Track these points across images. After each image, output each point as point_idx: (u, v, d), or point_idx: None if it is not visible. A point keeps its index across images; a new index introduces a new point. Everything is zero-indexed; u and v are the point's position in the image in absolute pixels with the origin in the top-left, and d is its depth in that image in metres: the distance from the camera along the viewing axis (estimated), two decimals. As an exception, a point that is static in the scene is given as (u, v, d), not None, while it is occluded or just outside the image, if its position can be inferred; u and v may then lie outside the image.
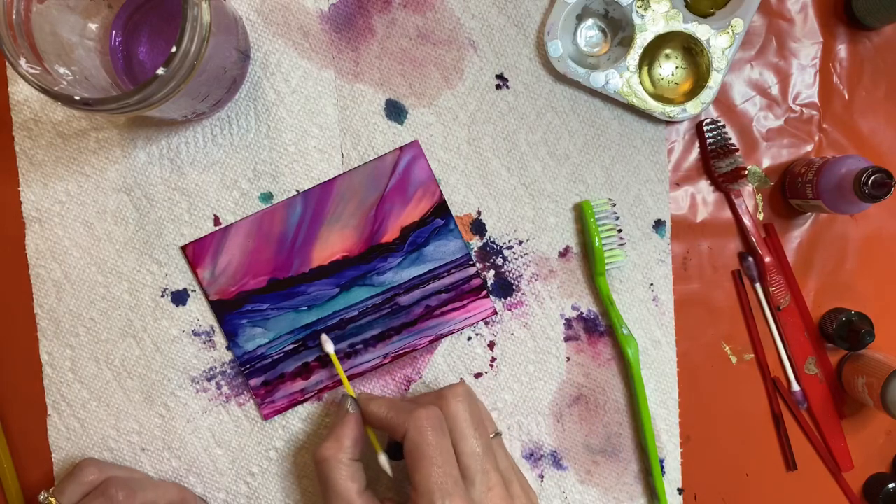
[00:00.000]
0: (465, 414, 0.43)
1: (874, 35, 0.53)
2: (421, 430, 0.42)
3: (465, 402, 0.44)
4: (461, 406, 0.44)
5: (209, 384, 0.49)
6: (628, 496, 0.52)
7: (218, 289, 0.49)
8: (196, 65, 0.38)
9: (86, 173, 0.48)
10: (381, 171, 0.49)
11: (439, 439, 0.42)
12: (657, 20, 0.49)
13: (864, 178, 0.45)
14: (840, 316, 0.52)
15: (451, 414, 0.43)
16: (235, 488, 0.50)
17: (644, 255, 0.52)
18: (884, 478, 0.54)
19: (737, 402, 0.53)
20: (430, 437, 0.42)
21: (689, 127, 0.52)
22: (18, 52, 0.36)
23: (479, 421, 0.44)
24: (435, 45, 0.49)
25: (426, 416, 0.42)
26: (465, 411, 0.43)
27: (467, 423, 0.43)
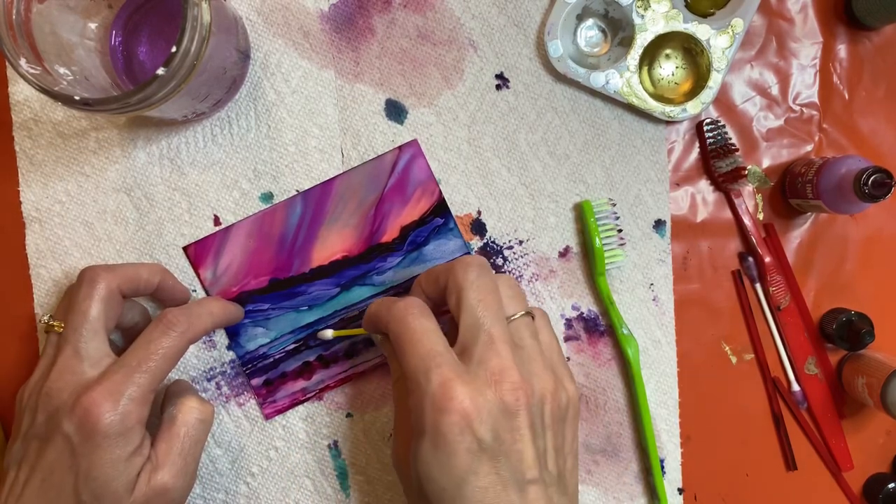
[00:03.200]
0: (471, 283, 0.39)
1: (874, 35, 0.53)
2: (399, 319, 0.39)
3: (474, 272, 0.39)
4: (466, 276, 0.39)
5: (209, 384, 0.49)
6: (628, 496, 0.52)
7: (220, 289, 0.49)
8: (196, 65, 0.38)
9: (86, 173, 0.48)
10: (380, 170, 0.49)
11: (421, 321, 0.38)
12: (657, 20, 0.49)
13: (864, 178, 0.45)
14: (840, 316, 0.52)
15: (456, 284, 0.40)
16: (235, 488, 0.50)
17: (644, 255, 0.52)
18: (884, 478, 0.54)
19: (737, 402, 0.53)
20: (411, 320, 0.38)
21: (689, 127, 0.52)
22: (18, 52, 0.36)
23: (488, 292, 0.39)
24: (435, 45, 0.49)
25: (404, 304, 0.39)
26: (472, 281, 0.39)
27: (472, 291, 0.39)
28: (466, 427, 0.35)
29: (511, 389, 0.36)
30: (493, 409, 0.36)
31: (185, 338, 0.41)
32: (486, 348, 0.37)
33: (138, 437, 0.39)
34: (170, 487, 0.40)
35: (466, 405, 0.35)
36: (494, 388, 0.36)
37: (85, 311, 0.41)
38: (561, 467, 0.38)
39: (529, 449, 0.36)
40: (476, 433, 0.35)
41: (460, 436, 0.35)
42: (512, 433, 0.36)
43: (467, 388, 0.36)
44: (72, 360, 0.40)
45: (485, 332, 0.38)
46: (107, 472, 0.38)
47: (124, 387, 0.39)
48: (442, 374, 0.36)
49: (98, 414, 0.38)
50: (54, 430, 0.39)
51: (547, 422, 0.38)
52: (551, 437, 0.38)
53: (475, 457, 0.35)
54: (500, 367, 0.37)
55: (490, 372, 0.37)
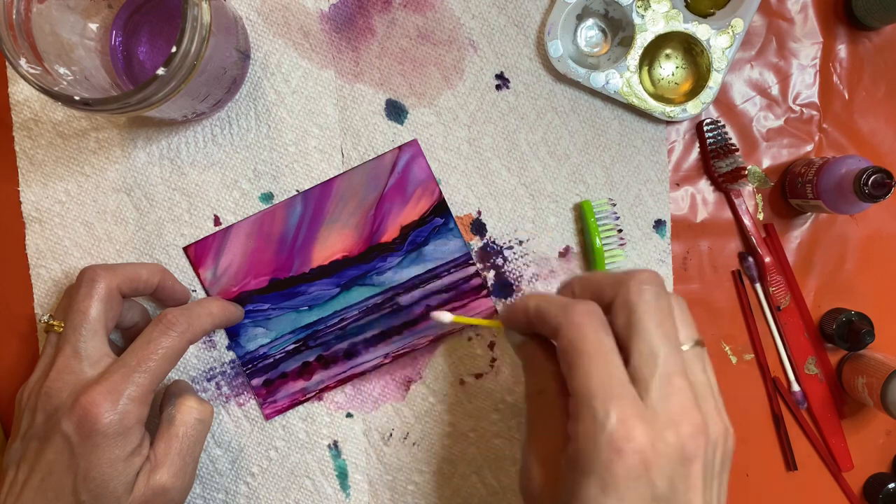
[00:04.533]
0: (648, 305, 0.34)
1: (874, 35, 0.53)
2: (576, 326, 0.34)
3: (651, 292, 0.35)
4: (644, 295, 0.35)
5: (209, 384, 0.49)
6: (628, 496, 0.52)
7: (220, 289, 0.49)
8: (196, 65, 0.38)
9: (86, 173, 0.48)
10: (380, 170, 0.49)
11: (602, 336, 0.34)
12: (657, 20, 0.49)
13: (864, 178, 0.45)
14: (840, 316, 0.52)
15: (630, 303, 0.35)
16: (235, 488, 0.50)
17: (644, 255, 0.52)
18: (884, 478, 0.54)
19: (737, 402, 0.53)
20: (592, 332, 0.34)
21: (690, 127, 0.52)
22: (18, 52, 0.36)
23: (666, 317, 0.35)
24: (435, 45, 0.49)
25: (584, 309, 0.34)
26: (649, 302, 0.34)
27: (649, 315, 0.34)
28: (644, 473, 0.31)
29: (692, 434, 0.32)
30: (673, 454, 0.32)
31: (184, 338, 0.41)
32: (666, 384, 0.33)
33: (137, 437, 0.39)
34: (169, 487, 0.40)
35: (646, 449, 0.31)
36: (675, 432, 0.32)
37: (84, 310, 0.41)
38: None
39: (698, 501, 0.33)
40: (651, 479, 0.32)
41: (635, 482, 0.31)
42: (685, 482, 0.32)
43: (647, 429, 0.32)
44: (71, 359, 0.40)
45: (662, 365, 0.33)
46: (106, 471, 0.38)
47: (123, 386, 0.39)
48: (625, 408, 0.32)
49: (97, 414, 0.38)
50: (53, 430, 0.39)
51: (717, 470, 0.34)
52: (717, 487, 0.34)
53: None
54: (682, 408, 0.33)
55: (671, 412, 0.32)
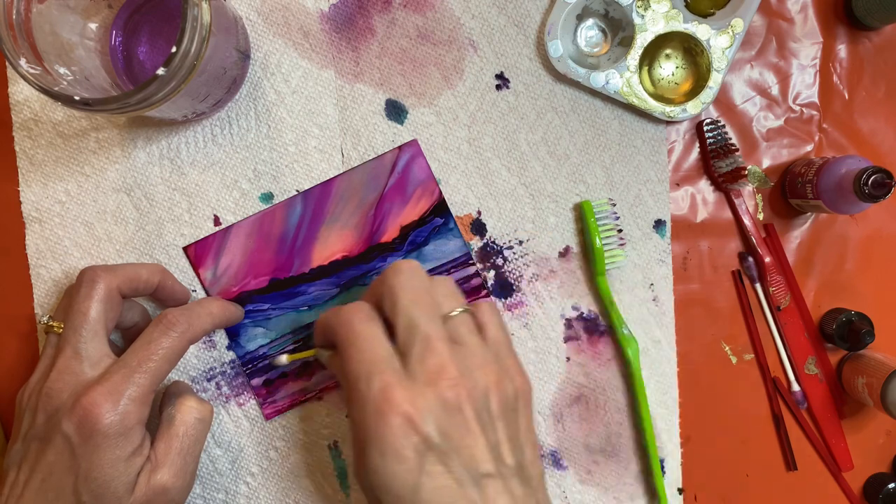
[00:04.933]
0: (402, 285, 0.39)
1: (874, 35, 0.53)
2: (343, 323, 0.39)
3: (405, 275, 0.40)
4: (397, 279, 0.40)
5: (209, 384, 0.49)
6: (628, 496, 0.52)
7: (220, 289, 0.49)
8: (196, 65, 0.38)
9: (86, 173, 0.48)
10: (380, 170, 0.49)
11: (364, 325, 0.39)
12: (657, 20, 0.49)
13: (864, 178, 0.45)
14: (840, 316, 0.52)
15: (387, 287, 0.40)
16: (235, 488, 0.50)
17: (644, 255, 0.52)
18: (884, 478, 0.54)
19: (737, 402, 0.53)
20: (356, 324, 0.39)
21: (690, 127, 0.52)
22: (18, 52, 0.36)
23: (423, 293, 0.40)
24: (435, 45, 0.49)
25: (347, 309, 0.40)
26: (403, 283, 0.39)
27: (403, 293, 0.39)
28: (410, 428, 0.35)
29: (450, 385, 0.36)
30: (435, 407, 0.36)
31: (185, 338, 0.41)
32: (423, 348, 0.37)
33: (138, 438, 0.39)
34: (169, 487, 0.40)
35: (407, 407, 0.35)
36: (434, 387, 0.36)
37: (85, 311, 0.41)
38: (519, 458, 0.38)
39: (480, 443, 0.36)
40: (421, 433, 0.35)
41: (405, 438, 0.35)
42: (458, 429, 0.36)
43: (407, 391, 0.36)
44: (71, 360, 0.40)
45: (420, 332, 0.38)
46: (107, 472, 0.38)
47: (124, 387, 0.39)
48: (383, 379, 0.36)
49: (98, 414, 0.38)
50: (54, 431, 0.39)
51: (495, 413, 0.37)
52: (503, 427, 0.38)
53: (424, 457, 0.35)
54: (438, 365, 0.37)
55: (428, 371, 0.37)
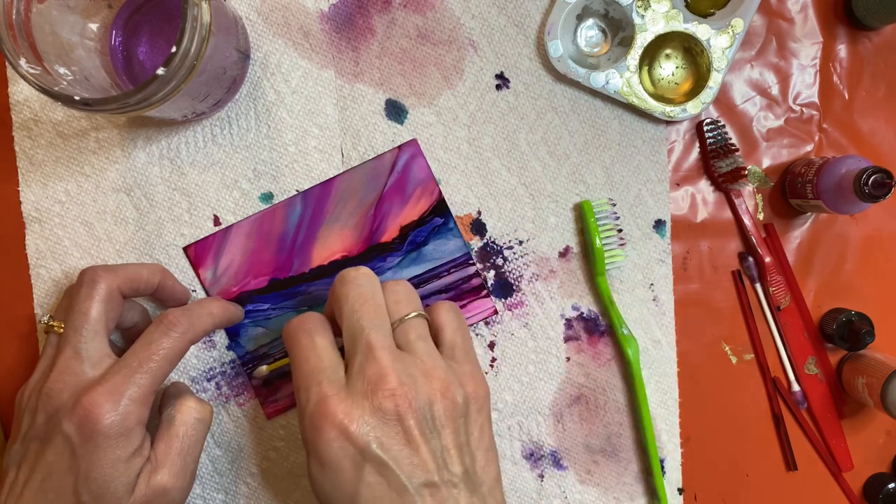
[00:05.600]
0: (346, 293, 0.39)
1: (874, 35, 0.53)
2: (291, 336, 0.40)
3: (352, 283, 0.40)
4: (342, 288, 0.40)
5: (209, 384, 0.49)
6: (628, 496, 0.52)
7: (220, 289, 0.49)
8: (196, 65, 0.37)
9: (86, 173, 0.48)
10: (380, 170, 0.49)
11: (310, 337, 0.39)
12: (657, 20, 0.49)
13: (864, 178, 0.45)
14: (840, 316, 0.52)
15: (334, 299, 0.40)
16: (235, 489, 0.50)
17: (644, 255, 0.52)
18: (884, 478, 0.54)
19: (737, 402, 0.53)
20: (301, 337, 0.39)
21: (690, 127, 0.52)
22: (18, 52, 0.36)
23: (368, 299, 0.39)
24: (435, 45, 0.49)
25: (298, 320, 0.40)
26: (347, 293, 0.39)
27: (348, 301, 0.39)
28: (346, 440, 0.35)
29: (388, 395, 0.36)
30: (371, 418, 0.36)
31: (185, 338, 0.41)
32: (365, 357, 0.37)
33: (139, 438, 0.39)
34: (169, 488, 0.40)
35: (342, 419, 0.35)
36: (371, 397, 0.36)
37: (85, 311, 0.41)
38: (468, 465, 0.38)
39: (422, 452, 0.36)
40: (357, 444, 0.35)
41: (341, 450, 0.35)
42: (397, 438, 0.36)
43: (343, 403, 0.36)
44: (72, 360, 0.40)
45: (363, 341, 0.38)
46: (107, 472, 0.38)
47: (125, 387, 0.39)
48: (320, 391, 0.36)
49: (98, 414, 0.38)
50: (54, 431, 0.39)
51: (441, 422, 0.37)
52: (450, 435, 0.37)
53: (361, 468, 0.35)
54: (377, 375, 0.36)
55: (367, 381, 0.36)
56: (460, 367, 0.40)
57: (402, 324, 0.40)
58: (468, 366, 0.40)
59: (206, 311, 0.44)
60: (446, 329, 0.41)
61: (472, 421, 0.39)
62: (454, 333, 0.41)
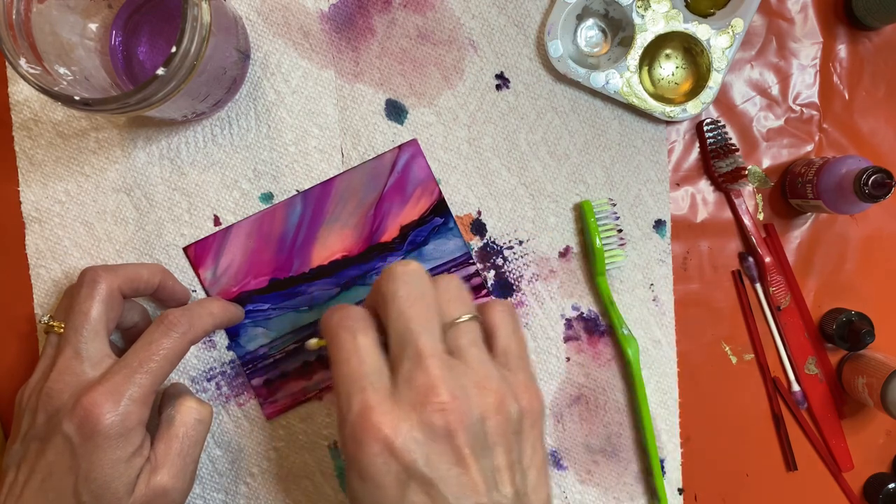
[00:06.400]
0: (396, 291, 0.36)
1: (874, 35, 0.53)
2: (332, 333, 0.37)
3: (401, 281, 0.36)
4: (390, 285, 0.36)
5: (209, 384, 0.49)
6: (628, 496, 0.52)
7: (220, 289, 0.49)
8: (196, 65, 0.37)
9: (86, 173, 0.48)
10: (380, 170, 0.49)
11: (353, 336, 0.36)
12: (657, 20, 0.49)
13: (864, 178, 0.45)
14: (840, 316, 0.52)
15: (380, 297, 0.37)
16: (235, 489, 0.50)
17: (644, 255, 0.52)
18: (884, 478, 0.54)
19: (737, 402, 0.53)
20: (342, 335, 0.36)
21: (690, 127, 0.52)
22: (18, 52, 0.36)
23: (418, 299, 0.36)
24: (435, 45, 0.49)
25: (336, 315, 0.37)
26: (396, 291, 0.36)
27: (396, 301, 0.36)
28: (390, 456, 0.33)
29: (438, 410, 0.33)
30: (419, 433, 0.33)
31: (186, 339, 0.41)
32: (413, 365, 0.34)
33: (139, 438, 0.39)
34: (169, 488, 0.40)
35: (387, 433, 0.33)
36: (420, 410, 0.33)
37: (86, 311, 0.41)
38: (519, 485, 0.35)
39: (472, 471, 0.33)
40: (402, 461, 0.33)
41: (385, 466, 0.33)
42: (446, 457, 0.33)
43: (389, 415, 0.33)
44: (72, 360, 0.40)
45: (411, 347, 0.35)
46: (107, 472, 0.38)
47: (125, 387, 0.39)
48: (363, 399, 0.34)
49: (98, 414, 0.38)
50: (54, 431, 0.39)
51: (493, 439, 0.34)
52: (502, 453, 0.35)
53: (406, 486, 0.33)
54: (427, 386, 0.33)
55: (416, 392, 0.33)
56: (514, 377, 0.37)
57: (454, 327, 0.36)
58: (522, 375, 0.37)
59: (206, 311, 0.44)
60: (500, 332, 0.38)
61: (526, 437, 0.36)
62: (509, 338, 0.38)
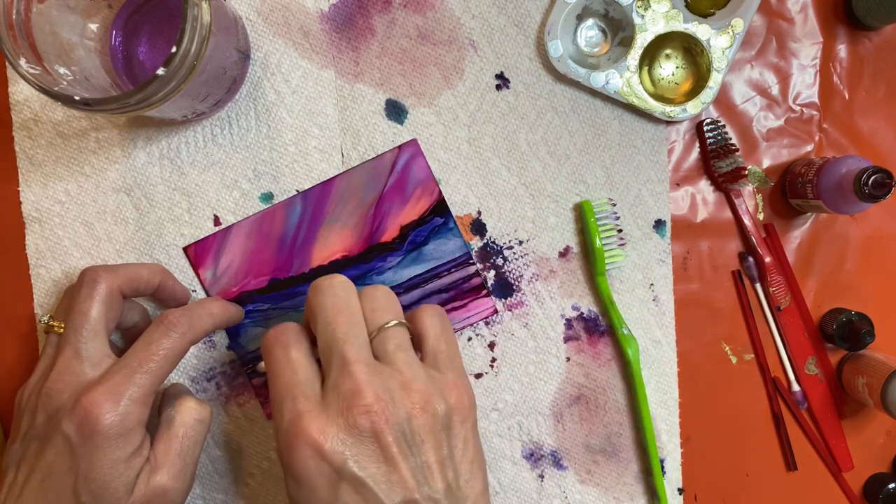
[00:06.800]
0: (320, 305, 0.38)
1: (874, 35, 0.53)
2: (265, 349, 0.39)
3: (326, 293, 0.38)
4: (315, 298, 0.38)
5: (209, 384, 0.49)
6: (628, 496, 0.52)
7: (220, 289, 0.49)
8: (196, 65, 0.38)
9: (86, 173, 0.48)
10: (380, 170, 0.49)
11: (284, 351, 0.38)
12: (657, 20, 0.49)
13: (864, 178, 0.45)
14: (840, 316, 0.52)
15: (308, 310, 0.39)
16: (235, 489, 0.50)
17: (644, 255, 0.52)
18: (884, 478, 0.54)
19: (737, 402, 0.53)
20: (276, 350, 0.38)
21: (690, 127, 0.52)
22: (18, 52, 0.36)
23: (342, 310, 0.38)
24: (435, 45, 0.49)
25: (273, 333, 0.39)
26: (321, 303, 0.38)
27: (322, 313, 0.37)
28: (321, 459, 0.34)
29: (363, 412, 0.35)
30: (345, 435, 0.35)
31: (185, 339, 0.41)
32: (339, 372, 0.36)
33: (138, 438, 0.39)
34: (169, 489, 0.40)
35: (316, 437, 0.34)
36: (346, 414, 0.35)
37: (86, 311, 0.41)
38: (450, 480, 0.36)
39: (400, 469, 0.35)
40: (331, 462, 0.34)
41: (316, 468, 0.34)
42: (373, 456, 0.35)
43: (317, 420, 0.35)
44: (72, 360, 0.40)
45: (337, 355, 0.36)
46: (106, 472, 0.38)
47: (125, 387, 0.39)
48: (294, 408, 0.35)
49: (98, 414, 0.38)
50: (54, 431, 0.39)
51: (421, 437, 0.36)
52: (431, 450, 0.36)
53: (337, 486, 0.34)
54: (352, 390, 0.35)
55: (342, 397, 0.35)
56: (443, 377, 0.38)
57: (381, 333, 0.38)
58: (451, 374, 0.39)
59: (206, 311, 0.44)
60: (429, 335, 0.40)
61: (456, 433, 0.37)
62: (437, 340, 0.40)
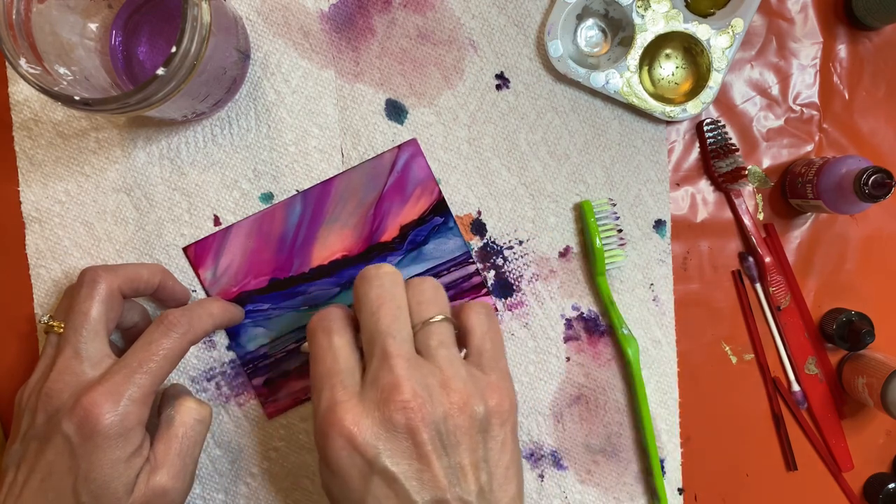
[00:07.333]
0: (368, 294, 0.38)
1: (874, 35, 0.53)
2: (311, 333, 0.39)
3: (372, 283, 0.38)
4: (362, 287, 0.38)
5: (209, 384, 0.49)
6: (628, 496, 0.52)
7: (220, 289, 0.49)
8: (196, 65, 0.38)
9: (86, 173, 0.48)
10: (380, 169, 0.49)
11: (328, 337, 0.38)
12: (657, 20, 0.49)
13: (864, 178, 0.45)
14: (840, 316, 0.52)
15: (355, 298, 0.39)
16: (235, 489, 0.50)
17: (644, 255, 0.52)
18: (884, 478, 0.54)
19: (737, 402, 0.53)
20: (319, 335, 0.38)
21: (690, 127, 0.52)
22: (18, 52, 0.36)
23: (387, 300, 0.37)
24: (435, 45, 0.49)
25: (318, 316, 0.39)
26: (370, 292, 0.38)
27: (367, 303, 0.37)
28: (353, 450, 0.34)
29: (400, 408, 0.34)
30: (379, 429, 0.35)
31: (185, 339, 0.41)
32: (380, 364, 0.36)
33: (138, 438, 0.39)
34: (168, 489, 0.40)
35: (350, 428, 0.34)
36: (382, 408, 0.35)
37: (86, 311, 0.41)
38: (483, 483, 0.36)
39: (433, 467, 0.35)
40: (364, 455, 0.34)
41: (349, 459, 0.34)
42: (407, 453, 0.35)
43: (353, 412, 0.35)
44: (72, 360, 0.40)
45: (379, 347, 0.36)
46: (106, 472, 0.38)
47: (125, 387, 0.39)
48: (332, 396, 0.36)
49: (98, 414, 0.38)
50: (54, 431, 0.39)
51: (456, 437, 0.35)
52: (466, 451, 0.36)
53: (369, 479, 0.34)
54: (391, 384, 0.35)
55: (380, 390, 0.35)
56: (485, 378, 0.38)
57: (425, 328, 0.38)
58: (494, 375, 0.38)
59: (206, 311, 0.44)
60: (475, 333, 0.39)
61: (493, 436, 0.37)
62: (482, 338, 0.39)
